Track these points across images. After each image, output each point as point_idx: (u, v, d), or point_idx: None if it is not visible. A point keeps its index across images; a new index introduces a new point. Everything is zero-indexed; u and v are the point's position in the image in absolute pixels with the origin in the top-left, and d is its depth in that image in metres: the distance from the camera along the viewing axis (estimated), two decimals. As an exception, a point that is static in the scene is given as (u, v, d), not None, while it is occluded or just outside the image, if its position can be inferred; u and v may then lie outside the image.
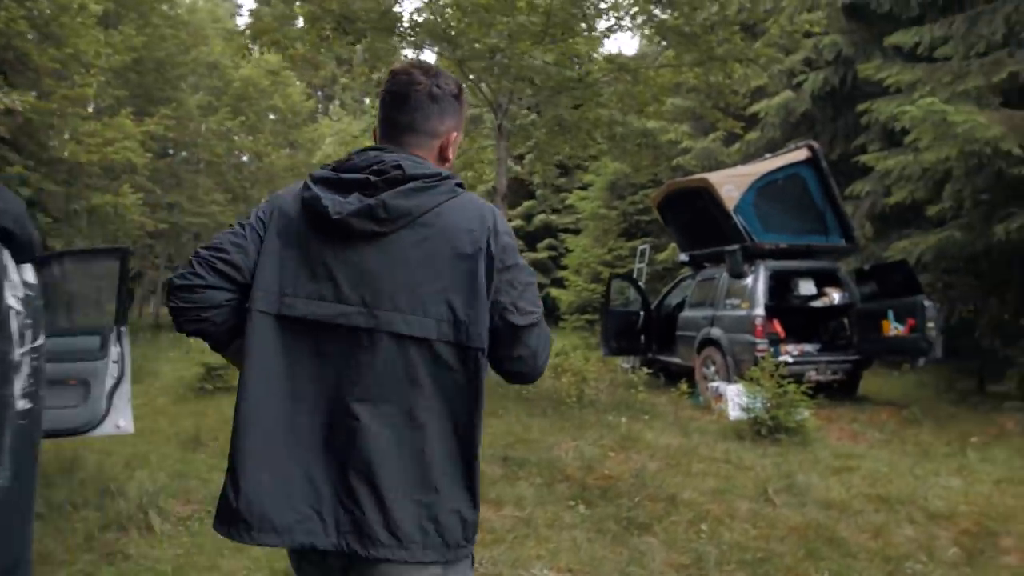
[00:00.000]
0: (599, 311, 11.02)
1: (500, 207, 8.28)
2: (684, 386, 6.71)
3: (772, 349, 7.54)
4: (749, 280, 7.87)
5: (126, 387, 4.12)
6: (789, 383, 5.88)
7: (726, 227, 8.10)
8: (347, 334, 1.19)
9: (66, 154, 12.45)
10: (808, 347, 8.02)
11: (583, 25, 7.83)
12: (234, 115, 21.80)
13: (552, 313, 18.98)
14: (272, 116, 24.77)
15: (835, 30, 10.85)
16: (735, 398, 7.21)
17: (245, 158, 24.31)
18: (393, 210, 1.18)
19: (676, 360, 9.29)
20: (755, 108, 11.79)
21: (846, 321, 8.07)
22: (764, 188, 8.04)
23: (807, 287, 8.11)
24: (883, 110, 8.35)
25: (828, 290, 8.15)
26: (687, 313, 9.08)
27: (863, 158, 8.50)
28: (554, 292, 17.57)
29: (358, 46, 8.15)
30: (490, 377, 1.29)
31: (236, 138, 22.28)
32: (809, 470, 4.83)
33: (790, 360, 7.47)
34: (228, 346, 1.31)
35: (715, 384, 7.69)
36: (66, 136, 13.17)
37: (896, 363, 9.42)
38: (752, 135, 12.21)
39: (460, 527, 1.20)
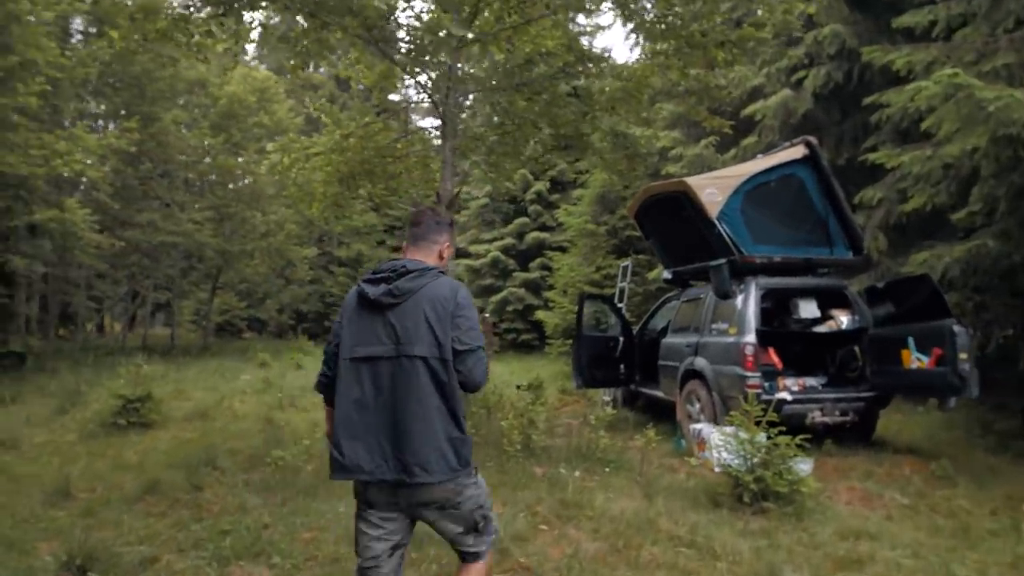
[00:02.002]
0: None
1: (446, 214, 7.06)
2: (652, 432, 5.39)
3: (767, 384, 6.23)
4: (738, 301, 6.57)
5: None
6: (779, 433, 4.55)
7: (710, 238, 6.82)
8: (387, 362, 2.13)
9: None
10: (811, 381, 6.67)
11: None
12: (216, 132, 20.98)
13: (541, 336, 17.70)
14: (267, 135, 23.89)
15: (836, 19, 9.65)
16: (720, 445, 5.88)
17: (247, 180, 23.34)
18: (402, 290, 2.16)
19: (659, 394, 7.97)
20: (751, 109, 10.56)
21: (857, 350, 6.72)
22: (753, 192, 6.76)
23: (808, 309, 6.78)
24: (895, 100, 7.08)
25: (834, 312, 6.81)
26: (669, 339, 7.77)
27: (872, 156, 7.21)
28: (541, 315, 16.27)
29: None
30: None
31: (220, 157, 21.35)
32: (802, 562, 3.50)
33: (789, 398, 6.15)
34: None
35: (699, 426, 6.36)
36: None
37: (920, 399, 8.04)
38: (749, 140, 10.96)
39: (455, 457, 2.12)
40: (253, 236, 22.76)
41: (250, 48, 40.82)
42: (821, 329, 6.77)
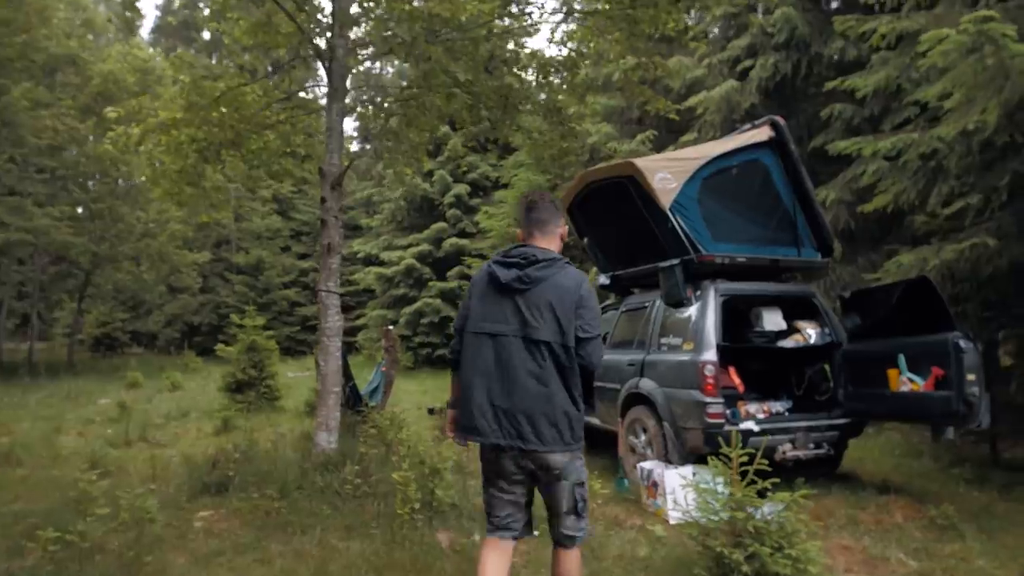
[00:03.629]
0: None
1: (332, 196, 5.55)
2: (596, 484, 4.08)
3: (729, 411, 5.07)
4: (693, 310, 5.41)
5: None
6: (769, 488, 3.33)
7: (661, 233, 5.64)
8: (511, 340, 2.46)
9: None
10: (777, 407, 5.59)
11: None
12: (86, 116, 18.16)
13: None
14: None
15: (787, 3, 8.86)
16: (677, 491, 4.65)
17: (135, 176, 20.39)
18: (532, 278, 2.47)
19: (594, 421, 6.70)
20: (693, 101, 9.62)
21: (827, 369, 5.70)
22: (713, 178, 5.64)
23: (773, 320, 5.71)
24: (862, 85, 6.20)
25: (800, 324, 5.77)
26: (607, 356, 6.51)
27: (841, 146, 6.28)
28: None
29: None
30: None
31: (91, 144, 18.52)
32: None
33: (756, 428, 5.01)
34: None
35: (648, 465, 5.10)
36: None
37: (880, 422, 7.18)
38: (688, 136, 10.05)
39: (569, 432, 2.44)
40: (130, 237, 19.94)
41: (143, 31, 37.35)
42: (787, 344, 5.71)
